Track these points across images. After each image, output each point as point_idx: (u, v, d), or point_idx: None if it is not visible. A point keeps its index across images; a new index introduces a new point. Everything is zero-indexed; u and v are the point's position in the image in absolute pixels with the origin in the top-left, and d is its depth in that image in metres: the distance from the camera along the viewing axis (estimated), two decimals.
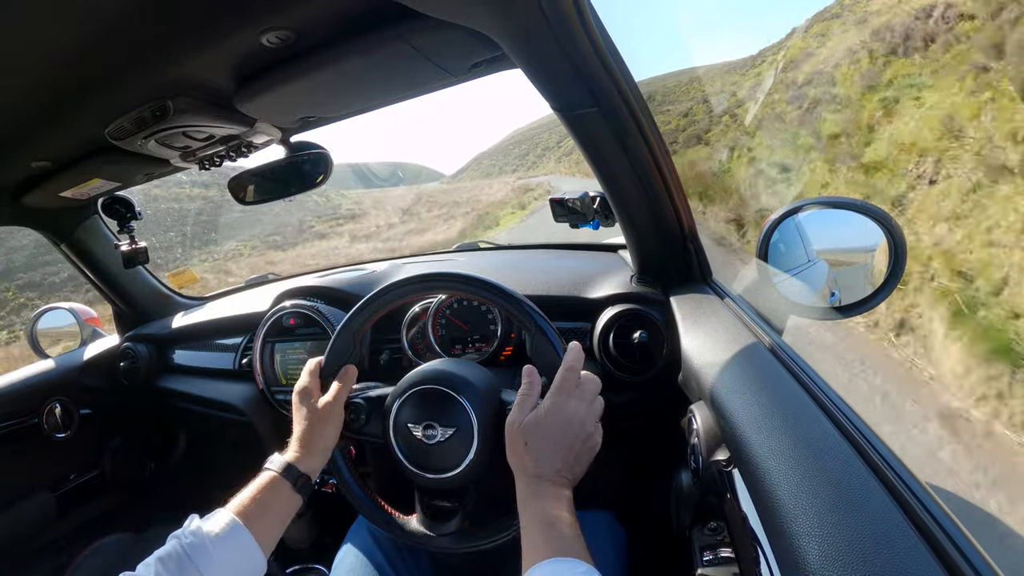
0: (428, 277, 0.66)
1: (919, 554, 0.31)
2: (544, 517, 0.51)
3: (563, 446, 0.55)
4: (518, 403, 0.59)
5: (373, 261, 1.45)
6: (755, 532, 0.44)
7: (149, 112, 0.67)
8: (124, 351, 1.34)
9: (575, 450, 0.56)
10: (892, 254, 0.69)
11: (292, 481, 0.59)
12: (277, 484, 0.58)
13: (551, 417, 0.56)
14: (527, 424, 0.56)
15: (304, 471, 0.60)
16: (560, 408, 0.56)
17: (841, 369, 3.13)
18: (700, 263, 0.85)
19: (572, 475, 0.56)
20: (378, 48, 0.59)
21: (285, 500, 0.58)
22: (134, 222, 1.19)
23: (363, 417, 0.66)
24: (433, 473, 0.61)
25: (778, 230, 0.76)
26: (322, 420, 0.63)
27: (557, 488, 0.54)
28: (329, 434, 0.63)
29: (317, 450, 0.62)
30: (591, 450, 0.58)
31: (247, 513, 0.55)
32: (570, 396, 0.57)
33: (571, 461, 0.55)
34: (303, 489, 0.60)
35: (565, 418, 0.56)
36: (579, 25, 0.52)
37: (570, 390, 0.57)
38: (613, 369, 0.85)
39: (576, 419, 0.56)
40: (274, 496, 0.58)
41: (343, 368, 0.67)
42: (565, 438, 0.55)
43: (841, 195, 6.00)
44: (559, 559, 0.46)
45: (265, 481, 0.59)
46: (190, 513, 0.56)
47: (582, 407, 0.57)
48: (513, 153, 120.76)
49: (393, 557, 0.76)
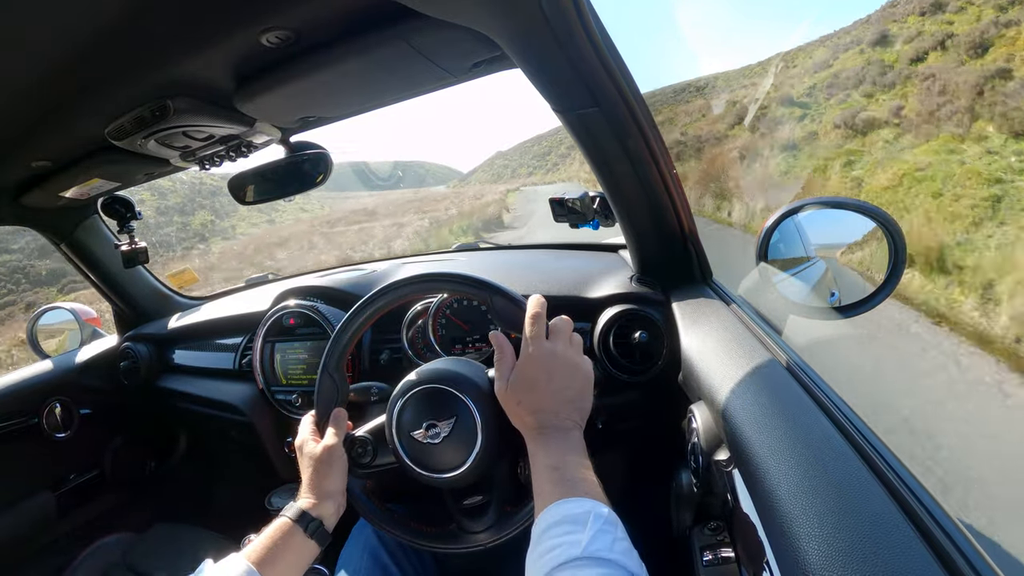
0: (385, 290, 0.66)
1: (919, 555, 0.31)
2: (547, 463, 0.51)
3: (554, 388, 0.55)
4: (496, 370, 0.59)
5: (373, 261, 1.45)
6: (755, 532, 0.44)
7: (149, 112, 0.67)
8: (124, 351, 1.34)
9: (568, 387, 0.56)
10: (892, 254, 0.69)
11: (304, 527, 0.59)
12: (290, 531, 0.58)
13: (531, 366, 0.56)
14: (511, 383, 0.56)
15: (316, 516, 0.60)
16: (537, 355, 0.56)
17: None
18: (700, 263, 0.85)
19: (577, 413, 0.56)
20: (378, 48, 0.59)
21: (299, 546, 0.58)
22: (134, 222, 1.19)
23: (370, 450, 0.66)
24: (446, 472, 0.61)
25: (778, 230, 0.76)
26: (325, 464, 0.63)
27: (562, 432, 0.54)
28: (335, 477, 0.63)
29: (326, 494, 0.62)
30: (586, 380, 0.57)
31: (262, 560, 0.55)
32: (543, 340, 0.57)
33: (569, 399, 0.55)
34: (317, 535, 0.60)
35: (545, 362, 0.56)
36: (579, 25, 0.52)
37: (542, 335, 0.57)
38: (613, 369, 0.85)
39: (558, 359, 0.56)
40: (287, 542, 0.58)
41: (332, 412, 0.67)
42: (554, 380, 0.55)
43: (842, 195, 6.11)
44: (563, 500, 0.46)
45: (278, 527, 0.59)
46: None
47: (559, 345, 0.57)
48: (531, 152, 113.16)
49: (398, 556, 0.76)
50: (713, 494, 0.58)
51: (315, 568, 1.19)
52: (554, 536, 0.44)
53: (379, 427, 0.66)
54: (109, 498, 1.38)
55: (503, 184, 59.12)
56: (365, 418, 0.70)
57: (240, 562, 0.54)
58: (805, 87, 12.42)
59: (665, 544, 0.73)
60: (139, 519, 1.38)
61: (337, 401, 0.68)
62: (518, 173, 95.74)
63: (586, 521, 0.44)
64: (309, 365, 1.08)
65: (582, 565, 0.41)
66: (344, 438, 0.66)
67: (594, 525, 0.43)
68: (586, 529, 0.43)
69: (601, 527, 0.43)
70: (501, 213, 21.43)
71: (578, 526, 0.44)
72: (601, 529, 0.43)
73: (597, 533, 0.43)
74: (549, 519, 0.45)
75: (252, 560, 0.55)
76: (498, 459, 0.62)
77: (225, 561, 0.54)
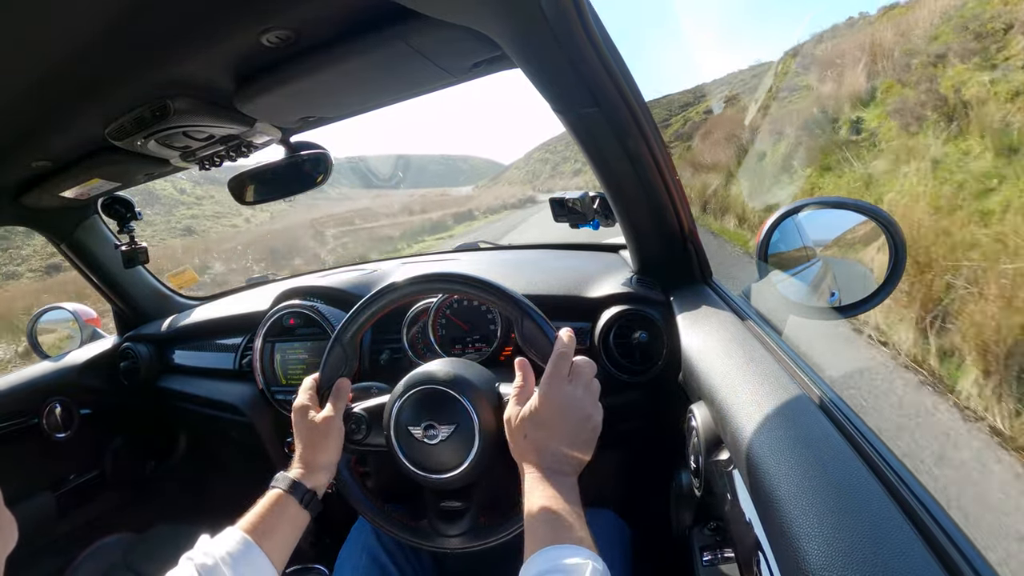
0: (417, 280, 0.66)
1: (919, 555, 0.31)
2: (544, 505, 0.50)
3: (563, 433, 0.55)
4: (514, 396, 0.59)
5: (373, 261, 1.45)
6: (755, 532, 0.44)
7: (149, 112, 0.67)
8: (124, 351, 1.34)
9: (576, 435, 0.55)
10: (892, 254, 0.69)
11: (299, 497, 0.59)
12: (284, 501, 0.59)
13: (547, 406, 0.56)
14: (524, 416, 0.56)
15: (310, 487, 0.61)
16: (556, 395, 0.56)
17: None
18: (700, 263, 0.85)
19: (577, 461, 0.55)
20: (378, 48, 0.59)
21: (293, 516, 0.59)
22: (134, 222, 1.19)
23: (364, 427, 0.66)
24: (436, 473, 0.61)
25: (778, 230, 0.76)
26: (322, 436, 0.63)
27: (560, 476, 0.53)
28: (331, 449, 0.64)
29: (320, 465, 0.63)
30: (593, 432, 0.57)
31: (257, 531, 0.55)
32: (565, 382, 0.57)
33: (575, 446, 0.55)
34: (310, 505, 0.60)
35: (562, 404, 0.56)
36: (579, 25, 0.52)
37: (564, 376, 0.57)
38: (613, 369, 0.85)
39: (574, 404, 0.56)
40: (282, 513, 0.58)
41: (336, 382, 0.67)
42: (564, 424, 0.55)
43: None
44: (555, 546, 0.46)
45: (272, 498, 0.59)
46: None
47: (578, 391, 0.57)
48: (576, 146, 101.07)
49: (396, 556, 0.76)
50: (713, 494, 0.58)
51: (315, 568, 1.20)
52: None
53: (378, 407, 0.66)
54: (109, 498, 1.38)
55: (528, 186, 46.34)
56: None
57: (235, 533, 0.55)
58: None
59: (665, 544, 0.73)
60: (139, 519, 1.38)
61: (343, 372, 0.68)
62: (559, 170, 74.68)
63: (581, 575, 0.43)
64: (309, 365, 1.08)
65: None
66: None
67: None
68: None
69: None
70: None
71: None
72: None
73: None
74: (542, 564, 0.45)
75: (247, 531, 0.55)
76: (487, 471, 0.62)
77: (221, 535, 0.55)
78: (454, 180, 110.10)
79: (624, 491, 1.05)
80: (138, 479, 1.44)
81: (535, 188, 36.90)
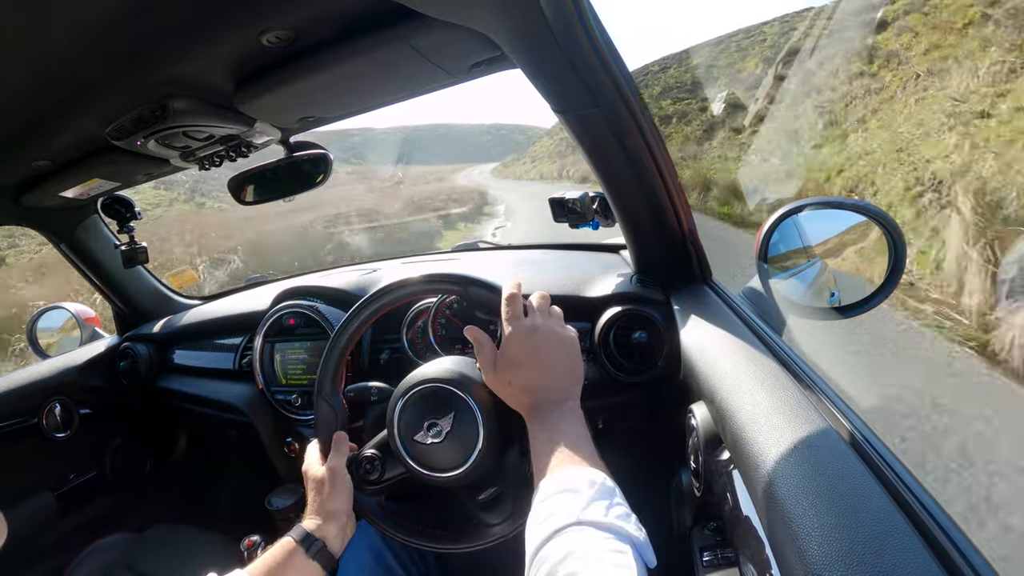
0: (352, 316, 0.67)
1: (919, 554, 0.31)
2: (546, 437, 0.51)
3: (541, 362, 0.55)
4: (479, 361, 0.59)
5: (373, 261, 1.45)
6: (755, 532, 0.44)
7: (149, 112, 0.67)
8: (124, 351, 1.34)
9: (556, 360, 0.56)
10: (892, 254, 0.69)
11: (306, 548, 0.60)
12: (292, 551, 0.60)
13: (513, 345, 0.56)
14: (497, 367, 0.56)
15: (319, 537, 0.61)
16: (518, 332, 0.56)
17: None
18: (700, 263, 0.85)
19: (570, 382, 0.56)
20: (378, 48, 0.59)
21: (299, 566, 0.59)
22: (134, 222, 1.19)
23: (378, 465, 0.66)
24: (448, 471, 0.61)
25: (778, 230, 0.76)
26: (327, 485, 0.64)
27: (558, 404, 0.54)
28: (337, 497, 0.64)
29: (328, 514, 0.63)
30: (572, 350, 0.57)
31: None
32: (522, 318, 0.57)
33: (560, 371, 0.55)
34: (319, 556, 0.60)
35: (527, 338, 0.56)
36: (579, 25, 0.52)
37: (520, 314, 0.57)
38: (613, 369, 0.85)
39: (540, 333, 0.56)
40: (289, 562, 0.59)
41: (332, 437, 0.68)
42: (538, 355, 0.55)
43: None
44: (560, 469, 0.47)
45: (281, 547, 0.60)
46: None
47: (538, 320, 0.57)
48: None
49: (401, 556, 0.76)
50: (713, 494, 0.58)
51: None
52: (551, 503, 0.44)
53: (382, 441, 0.66)
54: (109, 498, 1.38)
55: (554, 165, 31.53)
56: (366, 419, 0.70)
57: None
58: None
59: (665, 544, 0.73)
60: (139, 519, 1.38)
61: (336, 425, 0.68)
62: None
63: (581, 488, 0.44)
64: (309, 365, 1.08)
65: (578, 530, 0.41)
66: (349, 459, 0.66)
67: (590, 491, 0.44)
68: (582, 495, 0.43)
69: (597, 493, 0.44)
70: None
71: (574, 493, 0.44)
72: (597, 495, 0.44)
73: (593, 499, 0.43)
74: (547, 489, 0.46)
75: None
76: (505, 448, 0.62)
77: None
78: (501, 155, 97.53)
79: (624, 491, 1.05)
80: (137, 479, 1.44)
81: (561, 172, 26.48)
